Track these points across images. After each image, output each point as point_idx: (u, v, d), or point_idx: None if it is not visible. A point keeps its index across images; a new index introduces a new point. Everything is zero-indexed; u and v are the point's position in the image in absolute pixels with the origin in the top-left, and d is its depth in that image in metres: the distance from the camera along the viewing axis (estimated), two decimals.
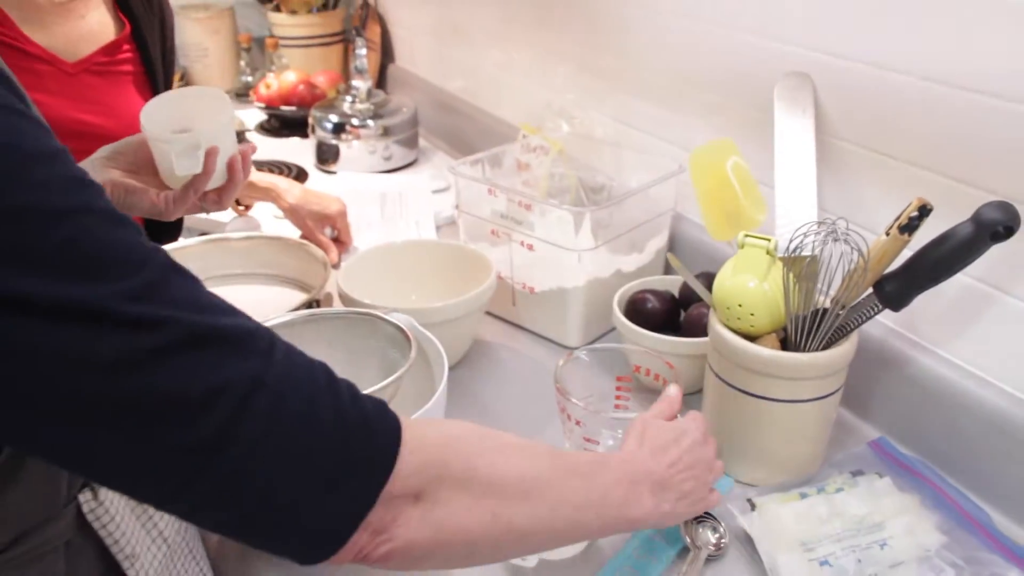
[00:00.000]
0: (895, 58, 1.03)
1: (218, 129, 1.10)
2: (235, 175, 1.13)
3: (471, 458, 0.65)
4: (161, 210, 1.09)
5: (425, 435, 0.63)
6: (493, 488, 0.66)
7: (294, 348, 0.58)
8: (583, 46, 1.64)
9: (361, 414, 0.59)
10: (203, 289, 0.55)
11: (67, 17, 1.31)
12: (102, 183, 1.04)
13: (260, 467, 0.53)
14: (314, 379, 0.58)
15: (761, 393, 0.98)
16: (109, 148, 1.12)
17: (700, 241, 1.35)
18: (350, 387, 0.60)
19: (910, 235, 0.91)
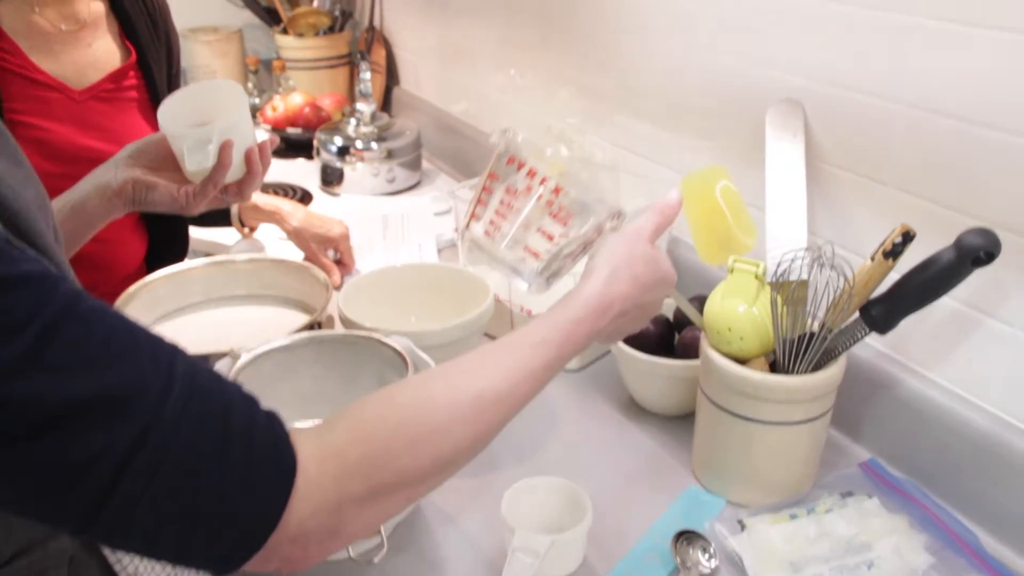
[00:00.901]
0: (883, 86, 1.06)
1: (233, 122, 1.12)
2: (253, 167, 1.15)
3: (381, 470, 0.66)
4: (182, 205, 1.12)
5: (321, 476, 0.63)
6: (411, 480, 0.68)
7: (199, 380, 0.59)
8: (582, 71, 1.67)
9: (248, 466, 0.59)
10: (100, 330, 0.56)
11: (75, 46, 1.34)
12: (123, 181, 1.09)
13: (142, 518, 0.56)
14: (206, 426, 0.58)
15: (751, 415, 1.00)
16: (133, 146, 1.15)
17: (695, 264, 1.37)
18: (249, 429, 0.60)
19: (894, 260, 0.94)
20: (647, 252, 0.89)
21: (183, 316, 1.39)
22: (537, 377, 0.78)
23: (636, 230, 0.91)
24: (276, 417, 0.64)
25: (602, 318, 0.84)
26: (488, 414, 0.73)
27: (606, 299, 0.84)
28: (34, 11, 1.29)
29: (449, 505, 1.06)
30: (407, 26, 2.48)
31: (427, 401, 0.71)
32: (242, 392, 0.63)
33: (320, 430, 0.66)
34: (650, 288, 0.89)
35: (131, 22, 1.41)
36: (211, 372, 0.62)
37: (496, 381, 0.74)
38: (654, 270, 0.89)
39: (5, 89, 1.25)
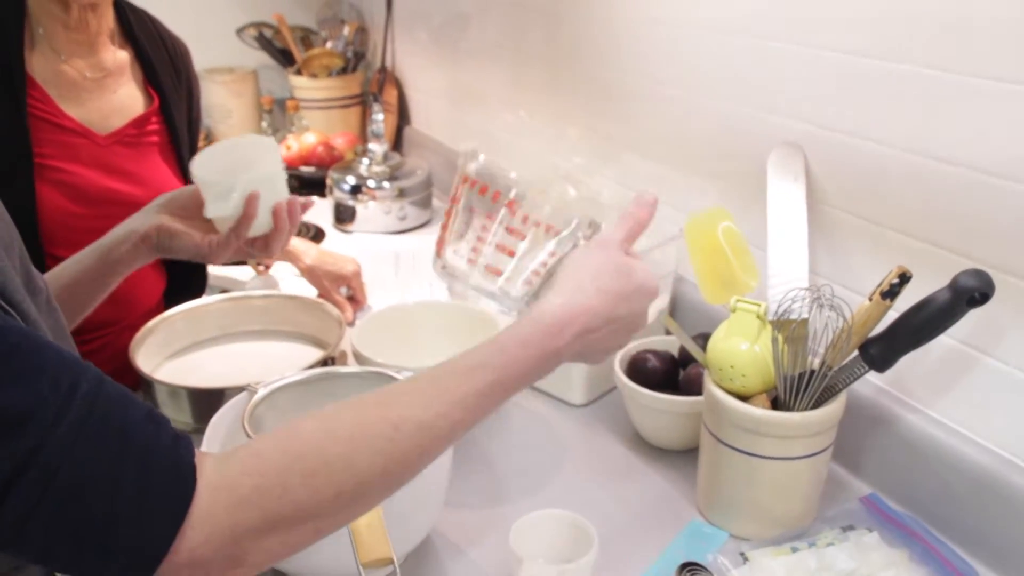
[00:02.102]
0: (880, 132, 1.09)
1: (262, 175, 1.14)
2: (280, 223, 1.16)
3: (277, 502, 0.64)
4: (205, 254, 1.14)
5: (213, 507, 0.62)
6: (313, 513, 0.66)
7: (100, 402, 0.59)
8: (589, 112, 1.71)
9: (140, 491, 0.59)
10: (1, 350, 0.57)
11: (100, 93, 1.39)
12: (149, 227, 1.12)
13: (33, 535, 0.57)
14: (100, 449, 0.58)
15: (753, 451, 1.02)
16: (166, 196, 1.18)
17: (700, 303, 1.40)
18: (147, 454, 0.60)
19: (892, 301, 0.96)
20: (617, 261, 0.84)
21: (200, 350, 1.42)
22: (470, 405, 0.74)
23: (603, 239, 0.86)
24: (183, 441, 0.63)
25: (557, 337, 0.79)
26: (404, 444, 0.70)
27: (563, 316, 0.80)
28: (62, 60, 1.34)
29: (459, 536, 1.09)
30: (418, 67, 2.53)
31: (330, 432, 0.68)
32: (149, 415, 0.62)
33: (223, 457, 0.65)
34: (623, 299, 0.83)
35: (154, 70, 1.46)
36: (120, 394, 0.62)
37: (416, 410, 0.71)
38: (626, 281, 0.83)
39: (34, 135, 1.29)
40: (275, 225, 1.16)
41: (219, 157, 1.17)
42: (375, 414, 0.70)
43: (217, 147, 1.19)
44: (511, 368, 0.77)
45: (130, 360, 1.27)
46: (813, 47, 1.16)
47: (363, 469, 0.68)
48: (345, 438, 0.68)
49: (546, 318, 0.80)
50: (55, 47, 1.34)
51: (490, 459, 1.25)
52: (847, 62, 1.11)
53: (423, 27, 2.41)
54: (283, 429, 0.69)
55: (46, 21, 1.32)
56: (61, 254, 1.31)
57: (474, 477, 1.20)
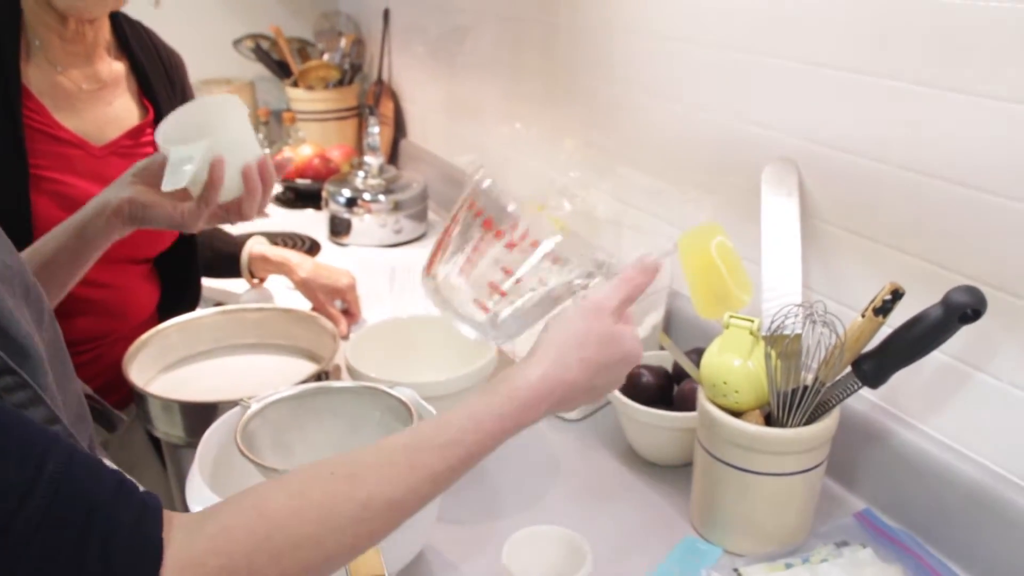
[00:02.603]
0: (873, 148, 1.09)
1: (223, 141, 1.08)
2: (250, 184, 1.12)
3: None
4: (178, 223, 1.11)
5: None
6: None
7: (67, 482, 0.58)
8: (585, 126, 1.72)
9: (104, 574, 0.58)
10: None
11: (96, 104, 1.39)
12: (121, 200, 1.09)
13: None
14: (65, 533, 0.57)
15: (747, 466, 1.02)
16: (140, 164, 1.15)
17: (695, 317, 1.40)
18: (112, 534, 0.59)
19: (884, 317, 0.97)
20: (605, 330, 0.83)
21: (194, 363, 1.42)
22: (440, 480, 0.74)
23: (597, 303, 0.85)
24: (151, 512, 0.62)
25: (534, 410, 0.79)
26: (374, 522, 0.70)
27: (542, 389, 0.80)
28: (58, 71, 1.34)
29: (452, 553, 1.09)
30: (415, 80, 2.54)
31: (299, 512, 0.68)
32: (119, 488, 0.61)
33: (190, 529, 0.64)
34: (605, 369, 0.83)
35: (149, 82, 1.46)
36: (88, 466, 0.61)
37: (386, 487, 0.71)
38: (612, 351, 0.83)
39: (30, 146, 1.29)
40: (246, 188, 1.12)
41: (184, 122, 1.11)
42: (344, 492, 0.69)
43: (182, 111, 1.14)
44: (484, 444, 0.77)
45: (123, 373, 1.27)
46: (808, 63, 1.16)
47: (331, 547, 0.68)
48: (314, 519, 0.68)
49: (523, 393, 0.79)
50: (51, 58, 1.34)
51: (483, 474, 1.25)
52: (841, 78, 1.11)
53: (420, 40, 2.42)
54: (251, 502, 0.68)
55: (42, 33, 1.32)
56: None
57: (467, 492, 1.20)
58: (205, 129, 1.09)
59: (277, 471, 0.96)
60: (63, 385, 0.77)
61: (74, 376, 0.84)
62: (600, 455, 1.30)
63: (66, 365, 0.81)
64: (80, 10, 1.29)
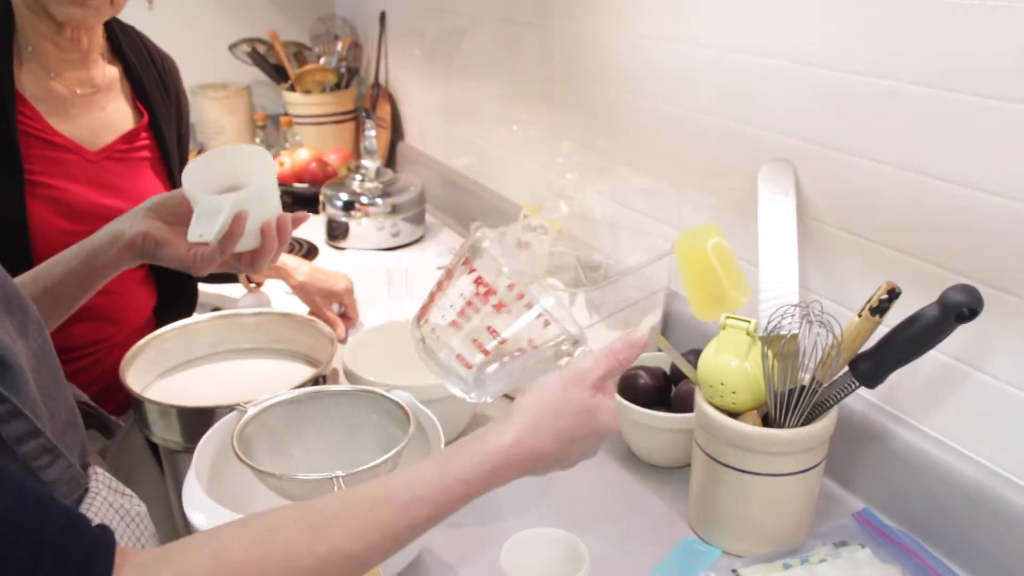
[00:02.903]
0: (870, 147, 1.09)
1: (251, 194, 1.10)
2: (268, 242, 1.13)
3: None
4: (189, 265, 1.11)
5: None
6: None
7: (10, 530, 0.57)
8: (582, 128, 1.71)
9: None
10: None
11: (90, 108, 1.39)
12: (135, 233, 1.10)
13: None
14: (11, 572, 0.56)
15: (745, 467, 1.02)
16: (156, 198, 1.15)
17: (692, 318, 1.39)
18: None
19: (881, 317, 0.96)
20: (583, 402, 0.83)
21: (191, 369, 1.42)
22: (402, 538, 0.74)
23: (579, 373, 0.84)
24: (103, 549, 0.61)
25: (502, 476, 0.79)
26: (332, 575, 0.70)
27: (512, 456, 0.79)
28: (51, 77, 1.34)
29: (449, 556, 1.08)
30: (412, 83, 2.54)
31: (258, 562, 0.66)
32: (68, 527, 0.60)
33: (146, 571, 0.62)
34: (579, 441, 0.83)
35: (143, 86, 1.46)
36: (37, 507, 0.59)
37: (347, 542, 0.70)
38: (587, 424, 0.83)
39: (25, 151, 1.29)
40: (263, 243, 1.14)
41: (211, 168, 1.13)
42: (306, 545, 0.69)
43: (209, 156, 1.15)
44: (448, 505, 0.77)
45: (120, 379, 1.27)
46: (804, 64, 1.16)
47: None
48: (272, 570, 0.66)
49: (494, 458, 0.79)
50: (44, 64, 1.34)
51: None
52: (838, 79, 1.11)
53: (416, 43, 2.42)
54: (210, 549, 0.66)
55: (35, 39, 1.32)
56: None
57: None
58: (232, 178, 1.11)
59: (274, 475, 0.96)
60: (51, 393, 0.76)
61: (64, 383, 0.83)
62: (598, 457, 1.28)
63: (56, 372, 0.80)
64: (79, 20, 1.29)
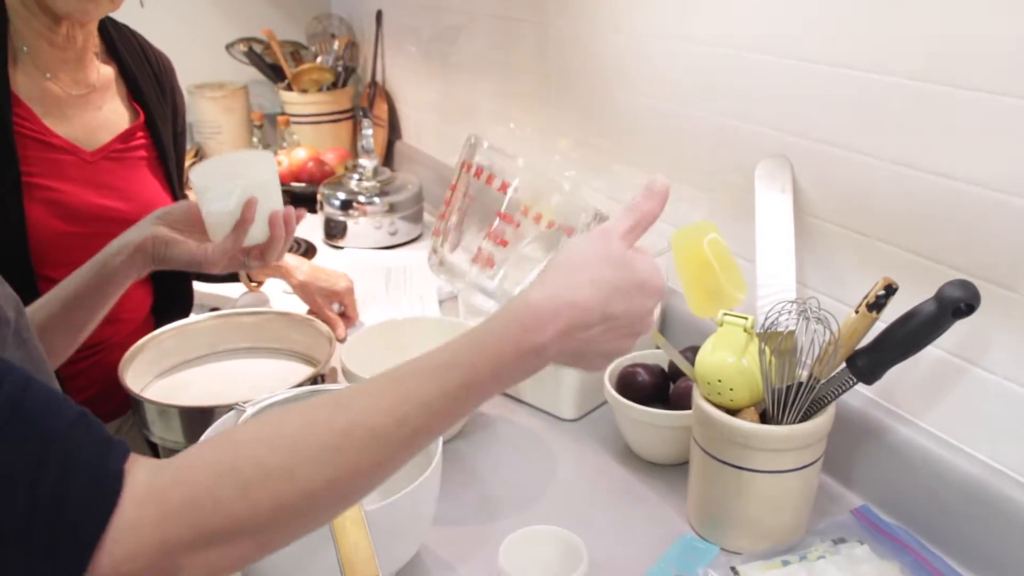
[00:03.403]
0: (867, 143, 1.09)
1: (259, 183, 1.16)
2: (276, 231, 1.18)
3: (210, 515, 0.60)
4: (201, 260, 1.15)
5: (139, 519, 0.58)
6: (251, 527, 0.62)
7: (23, 410, 0.57)
8: (579, 126, 1.71)
9: (59, 500, 0.56)
10: None
11: (85, 108, 1.39)
12: (145, 238, 1.13)
13: None
14: (22, 452, 0.56)
15: (743, 464, 1.02)
16: (160, 210, 1.19)
17: (689, 315, 1.38)
18: (69, 459, 0.57)
19: (878, 313, 0.96)
20: (615, 252, 0.75)
21: (189, 368, 1.42)
22: (436, 409, 0.67)
23: (604, 229, 0.77)
24: (115, 448, 0.60)
25: (538, 333, 0.70)
26: (353, 455, 0.64)
27: (547, 310, 0.70)
28: (47, 77, 1.34)
29: (448, 554, 1.09)
30: (408, 81, 2.54)
31: (270, 440, 0.63)
32: (79, 420, 0.60)
33: (156, 467, 0.61)
34: (622, 294, 0.74)
35: (138, 85, 1.46)
36: (48, 398, 0.59)
37: (370, 416, 0.65)
38: (625, 274, 0.74)
39: (21, 153, 1.29)
40: (271, 234, 1.18)
41: (217, 167, 1.19)
42: (323, 420, 0.65)
43: (215, 159, 1.21)
44: (483, 367, 0.69)
45: (119, 379, 1.27)
46: (799, 60, 1.16)
47: (306, 481, 0.63)
48: (286, 447, 0.63)
49: (524, 312, 0.70)
50: (39, 64, 1.34)
51: (480, 475, 1.25)
52: (834, 75, 1.11)
53: (413, 41, 2.42)
54: (222, 436, 0.64)
55: (30, 38, 1.32)
56: (52, 274, 1.30)
57: (464, 493, 1.20)
58: (238, 173, 1.16)
59: None
60: None
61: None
62: (596, 454, 1.30)
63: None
64: (81, 13, 1.29)
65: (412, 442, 0.67)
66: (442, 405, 0.67)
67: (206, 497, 0.60)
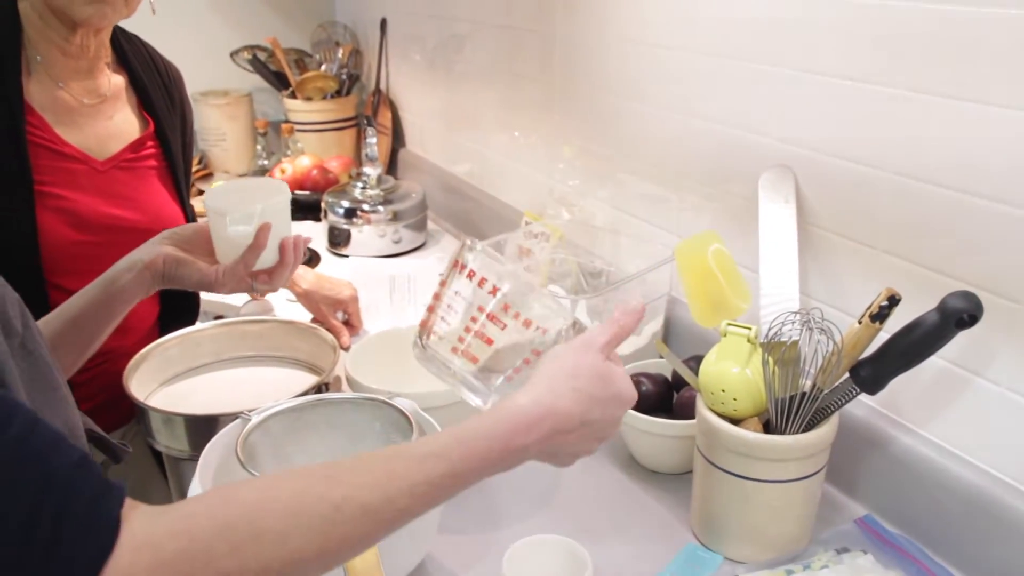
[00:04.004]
0: (869, 154, 1.10)
1: (273, 209, 1.19)
2: (285, 256, 1.21)
3: (201, 569, 0.62)
4: (211, 282, 1.17)
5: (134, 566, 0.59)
6: None
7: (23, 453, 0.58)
8: (583, 135, 1.72)
9: (52, 547, 0.56)
10: None
11: (97, 118, 1.40)
12: (155, 256, 1.15)
13: None
14: (18, 499, 0.56)
15: (746, 474, 1.03)
16: (169, 231, 1.22)
17: (693, 325, 1.40)
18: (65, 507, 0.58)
19: (881, 323, 0.97)
20: (595, 365, 0.83)
21: (194, 376, 1.42)
22: (419, 493, 0.72)
23: (585, 340, 0.85)
24: (114, 493, 0.61)
25: (524, 435, 0.78)
26: (344, 527, 0.68)
27: (534, 414, 0.78)
28: (59, 87, 1.35)
29: (453, 562, 1.09)
30: (412, 89, 2.54)
31: (266, 503, 0.66)
32: (81, 462, 0.61)
33: (154, 514, 0.62)
34: (599, 403, 0.82)
35: (148, 94, 1.47)
36: (53, 439, 0.60)
37: (362, 492, 0.69)
38: (604, 386, 0.82)
39: (34, 162, 1.30)
40: (281, 259, 1.21)
41: (233, 193, 1.22)
42: (318, 491, 0.68)
43: (228, 185, 1.25)
44: (469, 461, 0.75)
45: (124, 387, 1.27)
46: (803, 71, 1.17)
47: (296, 547, 0.65)
48: (280, 512, 0.66)
49: (514, 415, 0.78)
50: (52, 74, 1.34)
51: (484, 484, 1.23)
52: (837, 85, 1.12)
53: (417, 49, 2.43)
54: (221, 492, 0.67)
55: (44, 48, 1.33)
56: (63, 283, 1.31)
57: (468, 502, 1.20)
58: (254, 198, 1.20)
59: None
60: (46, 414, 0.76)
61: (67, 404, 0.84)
62: (601, 464, 1.30)
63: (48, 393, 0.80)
64: (98, 18, 1.29)
65: (394, 522, 0.72)
66: (424, 491, 0.72)
67: (200, 551, 0.62)
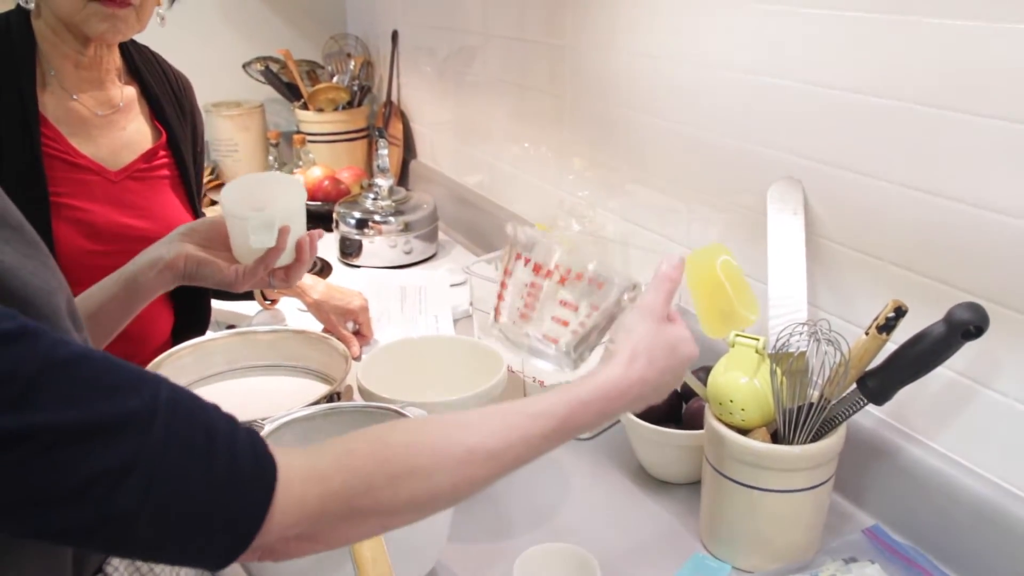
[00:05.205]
0: (877, 167, 1.11)
1: (291, 210, 1.19)
2: (302, 254, 1.22)
3: (362, 496, 0.72)
4: (231, 282, 1.18)
5: (305, 494, 0.68)
6: (387, 510, 0.74)
7: (181, 405, 0.65)
8: (593, 147, 1.73)
9: (232, 479, 0.65)
10: (85, 369, 0.61)
11: (110, 129, 1.42)
12: (176, 255, 1.16)
13: (140, 532, 0.61)
14: (191, 446, 0.63)
15: (755, 483, 1.03)
16: (186, 226, 1.22)
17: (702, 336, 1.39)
18: (231, 444, 0.66)
19: (888, 334, 0.98)
20: (668, 335, 0.92)
21: (206, 385, 1.43)
22: (532, 444, 0.81)
23: (650, 308, 0.93)
24: (256, 435, 0.69)
25: (615, 402, 0.87)
26: (474, 468, 0.77)
27: (623, 384, 0.88)
28: (72, 98, 1.37)
29: (463, 570, 1.10)
30: (424, 101, 2.56)
31: (417, 444, 0.76)
32: (222, 413, 0.68)
33: (310, 453, 0.72)
34: (668, 371, 0.91)
35: (160, 105, 1.49)
36: (192, 397, 0.67)
37: (489, 439, 0.78)
38: (674, 356, 0.92)
39: (50, 173, 1.31)
40: (297, 256, 1.21)
41: (248, 190, 1.21)
42: (456, 436, 0.77)
43: (242, 181, 1.23)
44: (570, 421, 0.84)
45: None
46: (812, 84, 1.18)
47: (436, 483, 0.75)
48: (428, 452, 0.75)
49: (607, 386, 0.87)
50: (65, 86, 1.36)
51: (494, 492, 1.26)
52: (845, 98, 1.13)
53: (428, 61, 2.44)
54: (372, 434, 0.76)
55: (57, 60, 1.35)
56: (76, 292, 1.32)
57: (478, 510, 1.21)
58: (267, 199, 1.18)
59: None
60: None
61: None
62: (610, 473, 1.31)
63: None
64: (112, 34, 1.31)
65: (511, 467, 0.81)
66: (536, 443, 0.82)
67: (363, 482, 0.72)
